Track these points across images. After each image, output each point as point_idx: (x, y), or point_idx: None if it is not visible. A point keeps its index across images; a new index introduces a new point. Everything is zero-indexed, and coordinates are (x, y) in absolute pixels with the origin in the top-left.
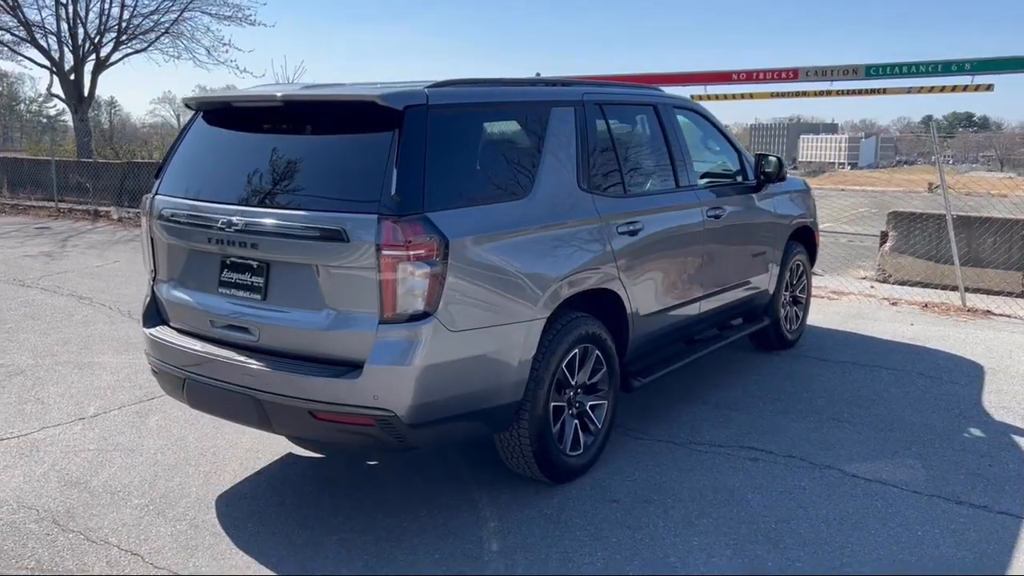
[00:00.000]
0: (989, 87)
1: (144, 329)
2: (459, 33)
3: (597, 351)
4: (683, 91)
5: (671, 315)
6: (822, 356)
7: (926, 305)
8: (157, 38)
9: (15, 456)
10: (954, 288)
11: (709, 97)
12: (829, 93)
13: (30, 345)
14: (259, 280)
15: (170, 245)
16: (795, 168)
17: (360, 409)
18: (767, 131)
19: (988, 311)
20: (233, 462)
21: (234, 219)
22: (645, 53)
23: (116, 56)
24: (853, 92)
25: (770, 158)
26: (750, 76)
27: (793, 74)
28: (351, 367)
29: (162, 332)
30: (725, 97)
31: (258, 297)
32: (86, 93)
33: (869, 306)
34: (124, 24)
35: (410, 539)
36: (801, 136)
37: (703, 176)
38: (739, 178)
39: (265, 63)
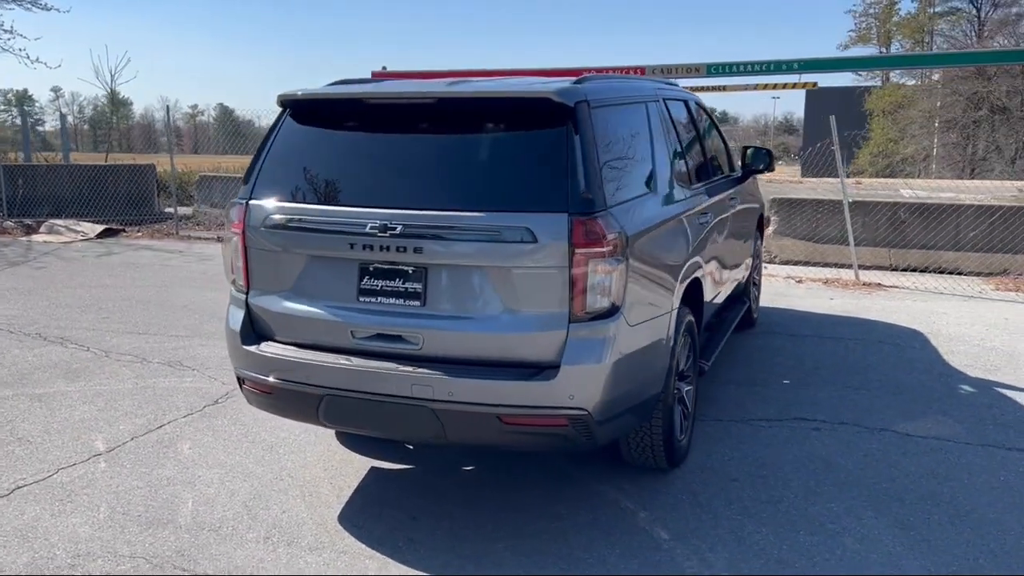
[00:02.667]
0: (814, 84)
1: (245, 347)
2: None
3: (690, 338)
4: None
5: (715, 301)
6: (788, 332)
7: (827, 281)
8: None
9: (53, 502)
10: (834, 265)
11: None
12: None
13: None
14: (416, 286)
15: (280, 254)
16: None
17: (555, 410)
18: None
19: (879, 284)
20: (320, 483)
21: (391, 223)
22: (474, 45)
23: None
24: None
25: (761, 151)
26: (601, 72)
27: (640, 71)
28: (537, 368)
29: (277, 349)
30: None
31: (417, 304)
32: None
33: (781, 285)
34: None
35: (576, 537)
36: None
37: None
38: (732, 168)
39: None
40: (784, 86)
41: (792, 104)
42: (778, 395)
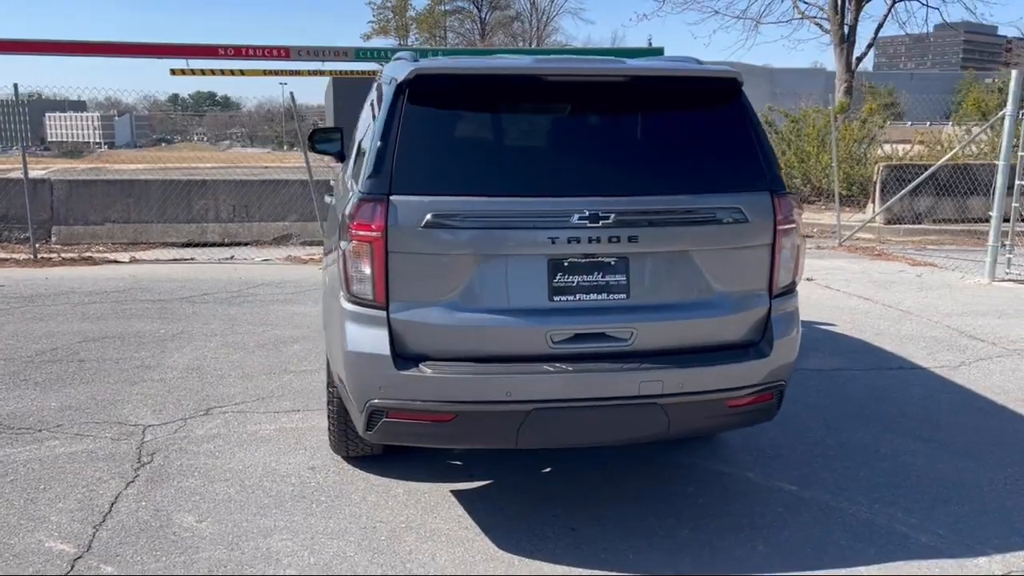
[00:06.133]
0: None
1: (400, 372)
2: None
3: None
4: (160, 64)
5: None
6: None
7: None
8: None
9: None
10: None
11: (193, 72)
12: (321, 73)
13: None
14: (620, 278)
15: (440, 257)
16: (47, 149)
17: (767, 386)
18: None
19: None
20: (425, 521)
21: (602, 212)
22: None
23: None
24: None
25: None
26: (239, 52)
27: (285, 52)
28: (744, 347)
29: (455, 368)
30: (213, 72)
31: (622, 296)
32: None
33: None
34: None
35: (737, 529)
36: (47, 114)
37: None
38: None
39: None
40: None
41: (298, 89)
42: None
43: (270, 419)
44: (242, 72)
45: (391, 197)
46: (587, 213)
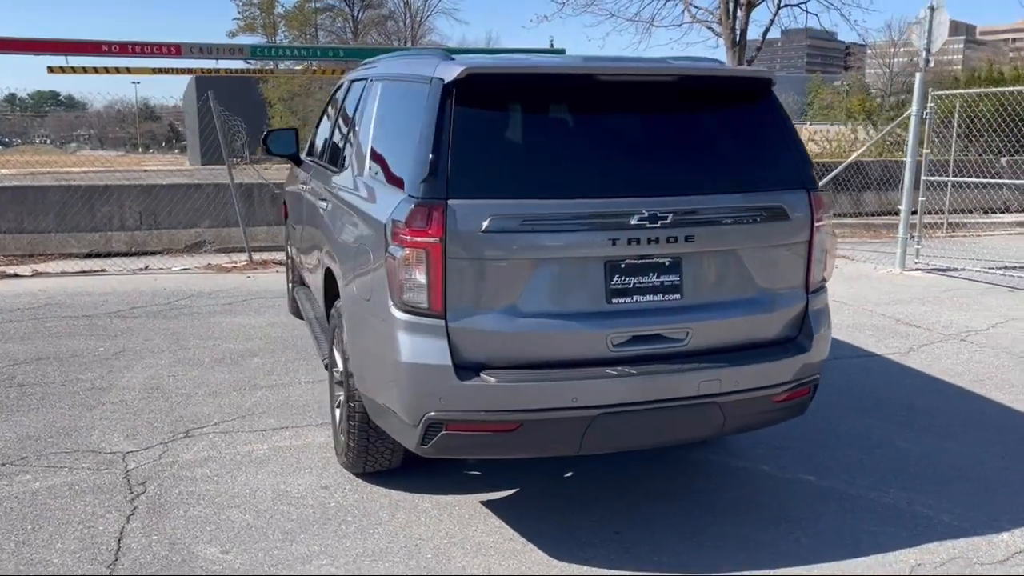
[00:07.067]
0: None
1: (463, 383)
2: None
3: None
4: (37, 61)
5: None
6: None
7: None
8: None
9: None
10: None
11: (74, 69)
12: (218, 72)
13: None
14: (674, 278)
15: (500, 262)
16: None
17: (806, 380)
18: None
19: (265, 261)
20: (465, 536)
21: (660, 213)
22: None
23: None
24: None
25: None
26: (124, 49)
27: (176, 49)
28: (784, 343)
29: (519, 375)
30: (96, 70)
31: (676, 297)
32: None
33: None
34: None
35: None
36: None
37: None
38: None
39: None
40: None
41: (152, 89)
42: None
43: (259, 438)
44: (128, 70)
45: (449, 201)
46: (646, 214)
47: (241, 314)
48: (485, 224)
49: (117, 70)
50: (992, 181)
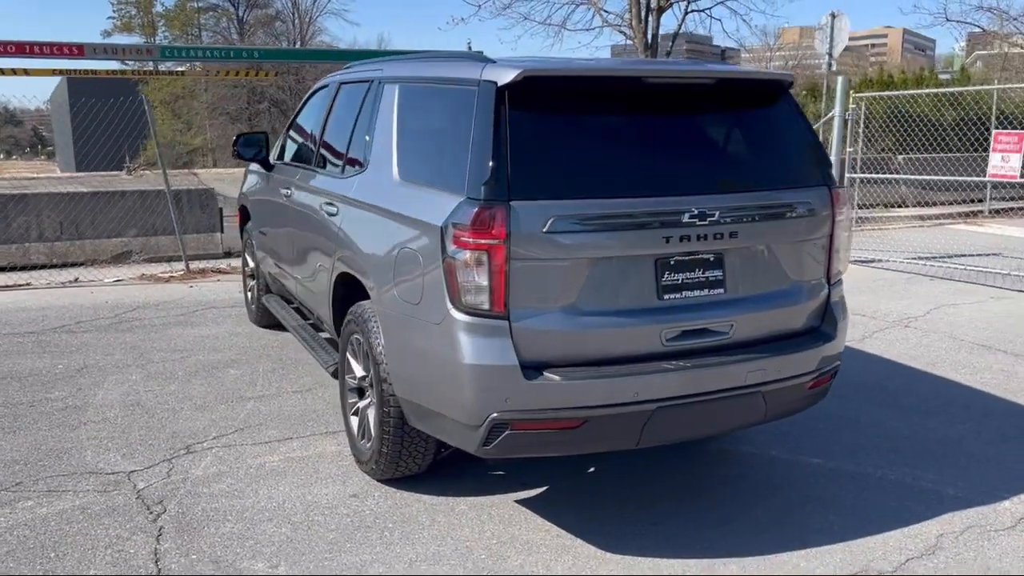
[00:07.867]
0: (272, 73)
1: (529, 382)
2: None
3: None
4: None
5: None
6: None
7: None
8: None
9: None
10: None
11: None
12: (124, 73)
13: None
14: (717, 273)
15: (560, 262)
16: None
17: (831, 368)
18: None
19: (203, 270)
20: (485, 523)
21: (708, 210)
22: None
23: None
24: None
25: None
26: (22, 48)
27: (78, 50)
28: (809, 332)
29: (582, 373)
30: None
31: (720, 291)
32: None
33: None
34: None
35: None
36: None
37: None
38: None
39: None
40: (247, 73)
41: (10, 89)
42: None
43: (267, 450)
44: (26, 72)
45: (511, 203)
46: (696, 211)
47: (199, 325)
48: (547, 224)
49: (14, 71)
50: (896, 176)
